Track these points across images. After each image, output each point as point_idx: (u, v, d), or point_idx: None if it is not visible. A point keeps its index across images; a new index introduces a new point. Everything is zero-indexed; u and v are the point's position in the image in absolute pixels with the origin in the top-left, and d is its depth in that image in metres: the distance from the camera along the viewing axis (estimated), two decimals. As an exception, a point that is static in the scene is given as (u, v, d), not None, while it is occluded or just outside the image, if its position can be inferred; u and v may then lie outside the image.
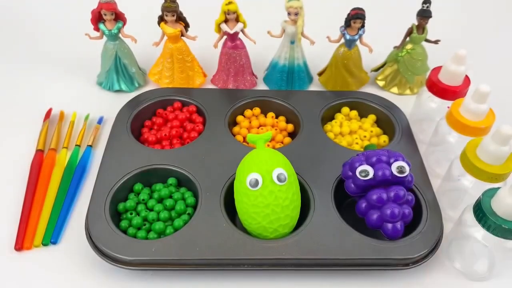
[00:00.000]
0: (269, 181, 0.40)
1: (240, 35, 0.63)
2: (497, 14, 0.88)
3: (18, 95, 0.66)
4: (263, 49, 0.65)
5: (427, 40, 0.64)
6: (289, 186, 0.42)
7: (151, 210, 0.48)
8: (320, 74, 0.69)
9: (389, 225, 0.44)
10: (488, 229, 0.41)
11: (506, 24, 0.86)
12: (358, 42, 0.63)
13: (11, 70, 0.70)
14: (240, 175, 0.41)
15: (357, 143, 0.58)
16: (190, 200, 0.49)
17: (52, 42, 0.76)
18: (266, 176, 0.40)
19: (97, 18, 0.60)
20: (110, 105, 0.62)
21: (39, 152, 0.55)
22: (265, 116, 0.61)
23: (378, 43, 0.63)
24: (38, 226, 0.48)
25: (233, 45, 0.63)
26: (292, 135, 0.60)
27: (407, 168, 0.45)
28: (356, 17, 0.59)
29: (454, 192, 0.51)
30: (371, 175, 0.45)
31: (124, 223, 0.47)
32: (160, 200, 0.49)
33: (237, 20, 0.60)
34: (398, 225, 0.44)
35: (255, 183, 0.39)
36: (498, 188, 0.41)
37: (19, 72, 0.70)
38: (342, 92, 0.65)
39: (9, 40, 0.77)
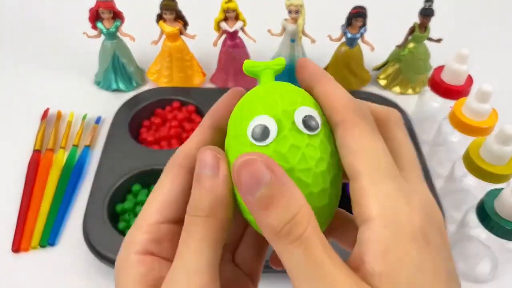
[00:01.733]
0: (290, 129, 0.20)
1: (240, 34, 0.62)
2: (500, 13, 0.88)
3: (15, 95, 0.65)
4: (263, 48, 0.64)
5: (429, 39, 0.63)
6: (324, 139, 0.20)
7: (150, 211, 0.48)
8: (320, 73, 0.68)
9: (391, 227, 0.44)
10: (491, 230, 0.40)
11: (509, 23, 0.85)
12: (359, 41, 0.62)
13: (8, 69, 0.70)
14: (236, 124, 0.21)
15: (358, 143, 0.57)
16: (189, 201, 0.48)
17: (49, 41, 0.75)
18: (284, 119, 0.20)
19: (95, 17, 0.59)
20: (108, 104, 0.61)
21: (36, 153, 0.55)
22: (265, 116, 0.61)
23: (380, 41, 0.62)
24: (35, 227, 0.48)
25: (232, 43, 0.62)
26: (292, 135, 0.59)
27: (409, 169, 0.45)
28: (357, 16, 0.59)
29: (457, 193, 0.50)
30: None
31: (122, 225, 0.47)
32: (159, 201, 0.49)
33: (236, 18, 0.60)
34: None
35: (264, 133, 0.20)
36: (501, 188, 0.41)
37: (16, 71, 0.69)
38: (343, 91, 0.64)
39: (6, 39, 0.76)
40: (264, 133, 0.20)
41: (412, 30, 0.63)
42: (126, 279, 0.18)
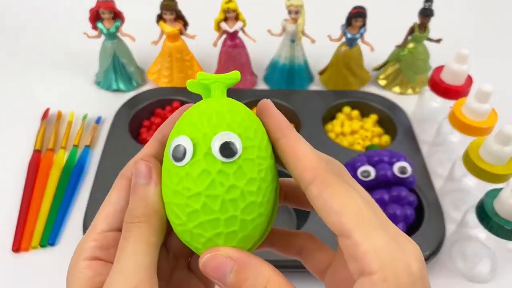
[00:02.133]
0: (205, 153, 0.20)
1: (240, 34, 0.62)
2: (500, 13, 0.88)
3: (15, 95, 0.65)
4: (263, 48, 0.64)
5: (429, 39, 0.63)
6: (243, 166, 0.21)
7: (150, 211, 0.48)
8: (321, 73, 0.68)
9: (391, 227, 0.44)
10: (490, 230, 0.40)
11: (508, 24, 0.85)
12: (359, 41, 0.62)
13: (8, 69, 0.70)
14: (168, 140, 0.22)
15: (358, 143, 0.57)
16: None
17: (50, 41, 0.75)
18: (201, 143, 0.20)
19: (95, 17, 0.59)
20: (108, 104, 0.61)
21: (37, 153, 0.55)
22: (265, 116, 0.61)
23: (380, 41, 0.62)
24: (35, 227, 0.48)
25: (232, 43, 0.62)
26: (292, 135, 0.59)
27: (409, 169, 0.45)
28: (357, 16, 0.59)
29: (457, 193, 0.51)
30: (372, 176, 0.44)
31: (122, 224, 0.47)
32: (159, 201, 0.49)
33: (236, 18, 0.60)
34: (400, 226, 0.44)
35: (181, 154, 0.20)
36: (501, 188, 0.41)
37: (17, 72, 0.69)
38: (343, 91, 0.64)
39: (6, 39, 0.76)
40: (181, 154, 0.20)
41: (412, 30, 0.63)
42: (76, 283, 0.19)
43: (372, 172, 0.44)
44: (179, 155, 0.20)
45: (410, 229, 0.46)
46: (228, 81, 0.23)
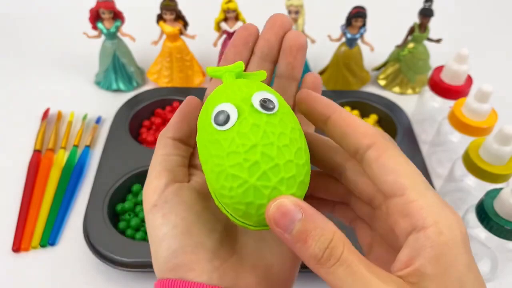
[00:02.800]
0: (249, 111, 0.22)
1: (240, 34, 0.62)
2: (500, 13, 0.88)
3: (15, 95, 0.65)
4: (263, 48, 0.64)
5: (429, 39, 0.63)
6: (283, 118, 0.23)
7: (150, 211, 0.48)
8: (321, 73, 0.68)
9: (391, 227, 0.44)
10: (490, 230, 0.40)
11: (509, 24, 0.85)
12: (359, 41, 0.62)
13: (8, 70, 0.70)
14: (202, 117, 0.24)
15: (358, 143, 0.57)
16: (189, 201, 0.48)
17: (50, 41, 0.75)
18: (242, 104, 0.22)
19: (95, 17, 0.59)
20: (108, 104, 0.62)
21: (37, 153, 0.55)
22: (265, 116, 0.61)
23: (380, 42, 0.62)
24: (35, 227, 0.48)
25: (232, 44, 0.62)
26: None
27: (408, 169, 0.45)
28: (357, 16, 0.59)
29: (457, 193, 0.50)
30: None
31: (122, 224, 0.47)
32: (159, 201, 0.49)
33: (236, 18, 0.60)
34: (400, 226, 0.44)
35: (225, 118, 0.22)
36: (501, 188, 0.41)
37: (17, 72, 0.69)
38: (343, 91, 0.64)
39: (6, 39, 0.76)
40: (225, 118, 0.22)
41: (412, 30, 0.63)
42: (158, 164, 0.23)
43: (372, 172, 0.45)
44: (223, 120, 0.22)
45: (410, 229, 0.46)
46: (236, 69, 0.25)
